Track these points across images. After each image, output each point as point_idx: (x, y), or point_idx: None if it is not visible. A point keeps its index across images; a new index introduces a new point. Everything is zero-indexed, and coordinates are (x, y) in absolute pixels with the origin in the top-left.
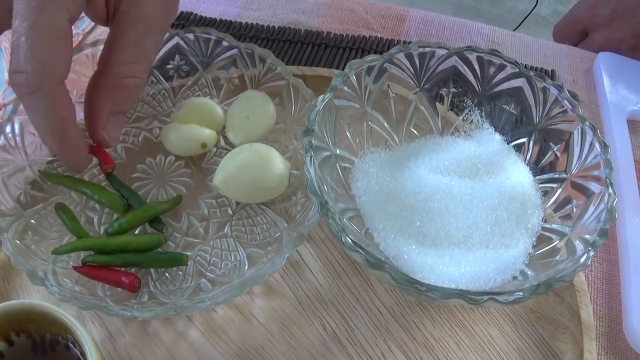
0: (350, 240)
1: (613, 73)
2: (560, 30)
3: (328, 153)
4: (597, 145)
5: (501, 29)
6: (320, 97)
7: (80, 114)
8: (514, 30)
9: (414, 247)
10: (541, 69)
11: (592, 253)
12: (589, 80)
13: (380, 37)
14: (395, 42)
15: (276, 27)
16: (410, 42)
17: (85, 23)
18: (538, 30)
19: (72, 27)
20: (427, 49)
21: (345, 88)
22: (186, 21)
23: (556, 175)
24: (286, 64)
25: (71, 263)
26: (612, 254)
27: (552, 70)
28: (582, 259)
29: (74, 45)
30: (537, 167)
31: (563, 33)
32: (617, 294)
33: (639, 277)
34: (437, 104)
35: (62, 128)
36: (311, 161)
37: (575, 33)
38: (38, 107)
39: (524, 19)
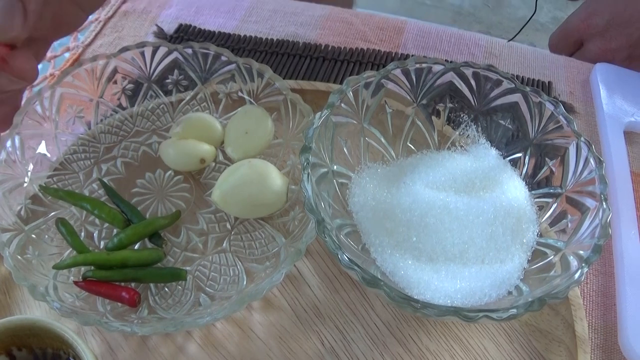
0: (346, 258)
1: (610, 84)
2: (555, 41)
3: (325, 169)
4: (592, 161)
5: (498, 39)
6: (318, 114)
7: (78, 128)
8: (513, 37)
9: (410, 262)
10: (538, 80)
11: (585, 269)
12: (586, 91)
13: (378, 50)
14: (393, 55)
15: (274, 39)
16: (407, 57)
17: (84, 35)
18: (537, 37)
19: (72, 39)
20: (423, 65)
21: (343, 105)
22: (185, 34)
23: (552, 190)
24: (284, 78)
25: (72, 278)
26: (608, 267)
27: (549, 82)
28: (576, 275)
29: (74, 59)
30: (532, 182)
31: (558, 43)
32: (612, 306)
33: (634, 289)
34: (434, 117)
35: None
36: (308, 178)
37: (571, 43)
38: None
39: (523, 27)
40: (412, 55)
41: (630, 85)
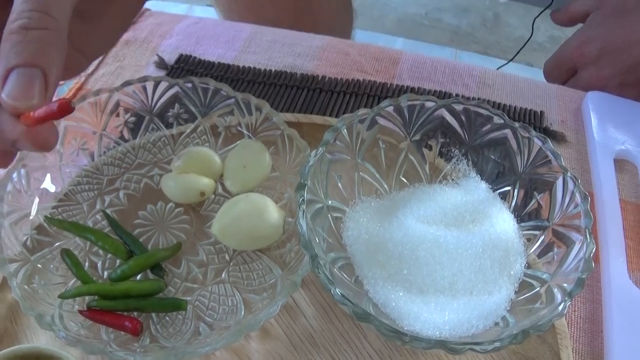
0: (339, 293)
1: (601, 112)
2: (549, 68)
3: (320, 205)
4: (577, 195)
5: (492, 69)
6: (313, 152)
7: (82, 160)
8: (512, 58)
9: (401, 294)
10: (531, 110)
11: (568, 303)
12: (577, 120)
13: (374, 81)
14: (388, 86)
15: (273, 71)
16: (402, 88)
17: None
18: (534, 57)
19: None
20: (416, 102)
21: (337, 142)
22: (185, 64)
23: (539, 223)
24: (282, 109)
25: (76, 307)
26: (596, 294)
27: (542, 112)
28: (559, 308)
29: (77, 87)
30: (521, 215)
31: (552, 71)
32: (599, 332)
33: (621, 317)
34: (425, 150)
35: None
36: (303, 215)
37: (564, 71)
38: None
39: (521, 49)
40: (407, 87)
41: (622, 113)
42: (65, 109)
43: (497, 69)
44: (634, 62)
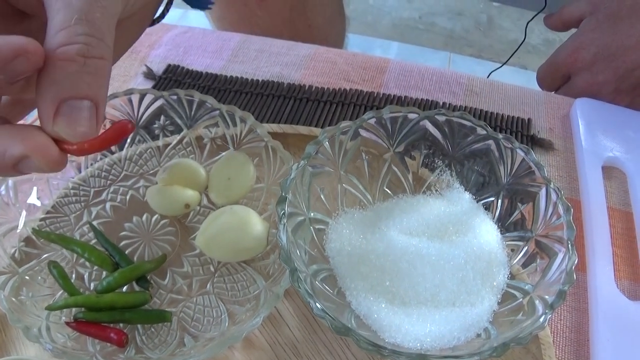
0: (318, 307)
1: (590, 119)
2: (543, 75)
3: (302, 217)
4: (560, 207)
5: (479, 77)
6: (295, 165)
7: (69, 173)
8: (506, 61)
9: (383, 305)
10: (518, 118)
11: (549, 315)
12: (565, 127)
13: (360, 90)
14: (375, 95)
15: (260, 80)
16: (389, 97)
17: None
18: (528, 59)
19: None
20: (398, 114)
21: (319, 155)
22: (173, 74)
23: (523, 234)
24: (269, 119)
25: (63, 318)
26: (582, 303)
27: (529, 119)
28: (540, 320)
29: None
30: (504, 225)
31: (546, 77)
32: (585, 342)
33: (607, 326)
34: (409, 159)
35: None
36: (284, 229)
37: (558, 77)
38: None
39: (514, 53)
40: (394, 96)
41: (610, 120)
42: (125, 131)
43: (491, 72)
44: (628, 67)
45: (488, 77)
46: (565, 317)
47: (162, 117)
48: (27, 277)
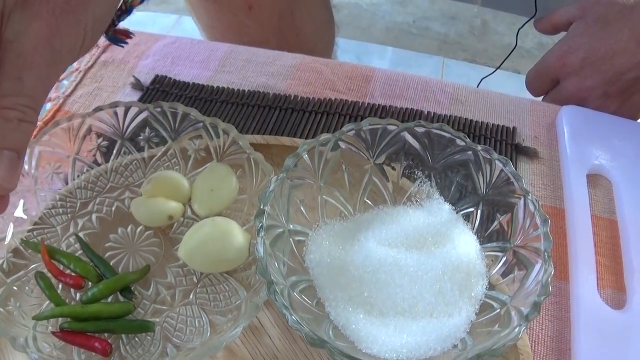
0: (293, 319)
1: (575, 127)
2: (531, 79)
3: (281, 230)
4: (537, 218)
5: (465, 86)
6: (274, 178)
7: (56, 184)
8: (498, 67)
9: (361, 316)
10: (503, 126)
11: (523, 327)
12: (551, 135)
13: (346, 100)
14: (360, 104)
15: (246, 91)
16: (374, 106)
17: (65, 86)
18: (522, 64)
19: (53, 89)
20: (377, 126)
21: (298, 167)
22: (161, 85)
23: (501, 245)
24: (254, 130)
25: (50, 328)
26: (564, 312)
27: (514, 128)
28: (515, 331)
29: (55, 109)
30: (484, 236)
31: (534, 81)
32: (567, 351)
33: (589, 335)
34: (389, 168)
35: None
36: (262, 241)
37: (547, 81)
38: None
39: (508, 56)
40: (379, 105)
41: (596, 128)
42: None
43: (483, 78)
44: (616, 71)
45: (479, 84)
46: (547, 327)
47: (147, 129)
48: (15, 288)
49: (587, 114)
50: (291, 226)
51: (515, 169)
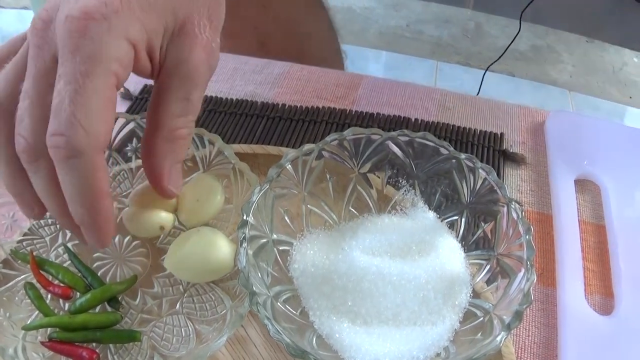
0: (274, 329)
1: (563, 132)
2: None
3: (265, 240)
4: (520, 227)
5: (452, 92)
6: (257, 189)
7: None
8: (490, 65)
9: (345, 325)
10: (490, 132)
11: (505, 336)
12: (539, 140)
13: (333, 108)
14: (347, 112)
15: (234, 99)
16: (361, 114)
17: None
18: (516, 66)
19: None
20: (361, 136)
21: (282, 177)
22: (149, 94)
23: (485, 252)
24: (242, 139)
25: (39, 338)
26: (551, 318)
27: (502, 134)
28: (497, 340)
29: None
30: (468, 244)
31: None
32: (553, 357)
33: (576, 341)
34: (373, 176)
35: (97, 198)
36: (244, 252)
37: None
38: (74, 174)
39: (501, 56)
40: (366, 113)
41: (583, 133)
42: None
43: (481, 84)
44: None
45: (478, 92)
46: (534, 333)
47: (135, 140)
48: (4, 299)
49: (575, 118)
50: (275, 236)
51: (503, 175)
